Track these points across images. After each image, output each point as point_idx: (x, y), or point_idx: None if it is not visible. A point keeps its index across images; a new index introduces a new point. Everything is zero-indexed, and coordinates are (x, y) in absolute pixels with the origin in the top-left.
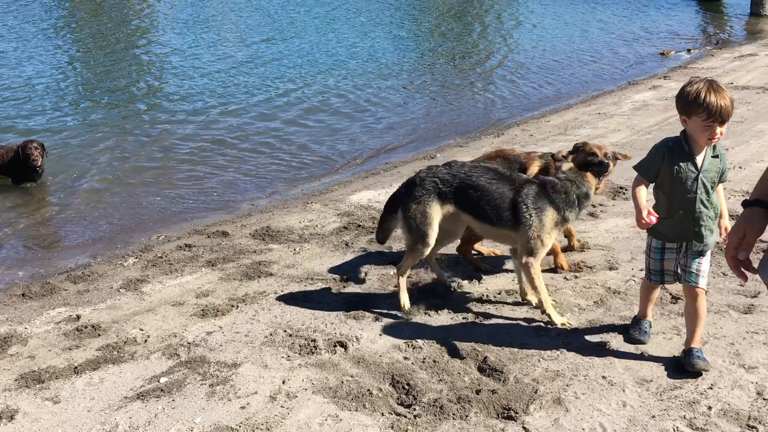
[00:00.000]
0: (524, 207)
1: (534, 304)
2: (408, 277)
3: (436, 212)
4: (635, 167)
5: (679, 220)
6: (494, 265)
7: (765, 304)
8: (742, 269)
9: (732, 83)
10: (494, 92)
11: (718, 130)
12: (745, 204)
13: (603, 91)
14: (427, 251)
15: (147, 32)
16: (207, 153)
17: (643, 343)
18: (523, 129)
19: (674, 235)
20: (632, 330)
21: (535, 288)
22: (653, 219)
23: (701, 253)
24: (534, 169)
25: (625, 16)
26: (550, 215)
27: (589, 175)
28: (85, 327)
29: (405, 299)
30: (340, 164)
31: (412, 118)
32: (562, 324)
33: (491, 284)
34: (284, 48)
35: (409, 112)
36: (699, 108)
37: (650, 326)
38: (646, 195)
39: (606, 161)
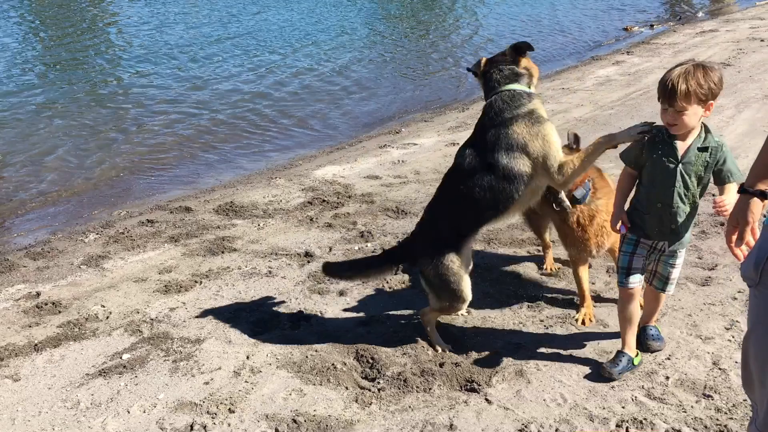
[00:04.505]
0: (508, 160)
1: None
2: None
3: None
4: (620, 156)
5: (657, 215)
6: None
7: (722, 276)
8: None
9: (693, 59)
10: (462, 67)
11: (674, 115)
12: (739, 191)
13: (567, 66)
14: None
15: (113, 4)
16: (170, 127)
17: (612, 378)
18: None
19: (652, 231)
20: (605, 362)
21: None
22: (623, 230)
23: (674, 256)
24: None
25: None
26: (526, 129)
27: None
28: (45, 304)
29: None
30: (306, 139)
31: (380, 92)
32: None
33: None
34: (253, 22)
35: (377, 86)
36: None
37: (631, 362)
38: (629, 189)
39: None
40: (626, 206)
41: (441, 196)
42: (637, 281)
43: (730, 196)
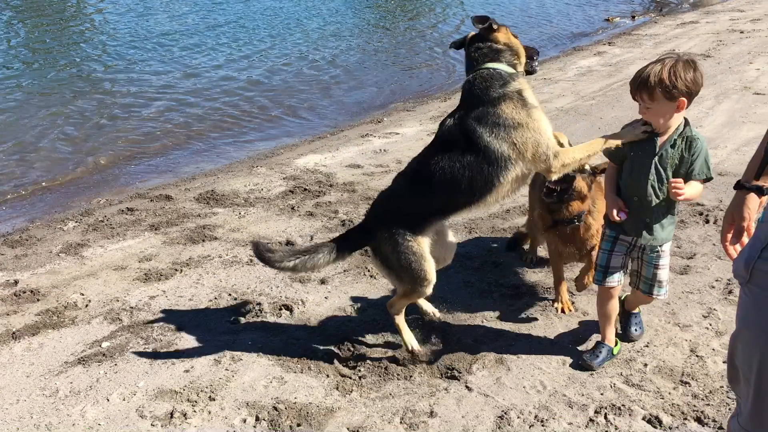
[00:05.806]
0: (490, 140)
1: None
2: None
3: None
4: (603, 152)
5: (634, 209)
6: None
7: (699, 265)
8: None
9: (674, 50)
10: (446, 57)
11: (642, 109)
12: (735, 187)
13: (549, 56)
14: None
15: None
16: (152, 115)
17: (592, 369)
18: None
19: (629, 227)
20: (585, 353)
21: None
22: (623, 215)
23: (655, 256)
24: None
25: None
26: (511, 111)
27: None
28: (24, 292)
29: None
30: (287, 128)
31: (368, 81)
32: None
33: None
34: (240, 9)
35: (365, 75)
36: None
37: (611, 352)
38: (616, 181)
39: None
40: None
41: (414, 167)
42: (615, 280)
43: (691, 188)
